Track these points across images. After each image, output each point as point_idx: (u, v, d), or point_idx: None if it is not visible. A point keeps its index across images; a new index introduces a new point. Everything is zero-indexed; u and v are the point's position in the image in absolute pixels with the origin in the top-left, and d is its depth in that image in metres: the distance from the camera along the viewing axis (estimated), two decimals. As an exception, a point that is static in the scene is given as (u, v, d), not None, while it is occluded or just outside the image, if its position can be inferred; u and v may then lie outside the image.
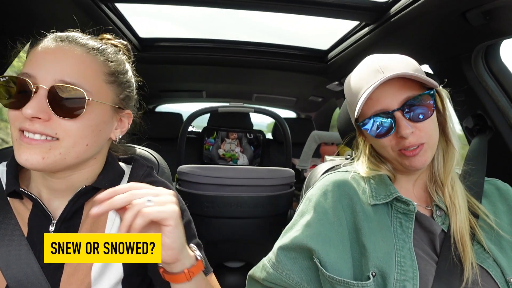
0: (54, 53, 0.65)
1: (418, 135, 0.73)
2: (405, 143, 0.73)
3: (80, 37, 0.70)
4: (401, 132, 0.72)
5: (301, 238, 0.77)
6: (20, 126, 0.62)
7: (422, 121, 0.73)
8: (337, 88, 2.44)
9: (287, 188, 1.79)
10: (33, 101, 0.61)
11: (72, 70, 0.64)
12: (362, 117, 0.78)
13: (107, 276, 0.69)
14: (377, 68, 0.76)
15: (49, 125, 0.62)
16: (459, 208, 0.75)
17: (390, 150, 0.77)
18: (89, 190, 0.72)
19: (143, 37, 2.03)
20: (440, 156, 0.81)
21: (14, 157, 0.72)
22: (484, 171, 0.88)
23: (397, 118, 0.73)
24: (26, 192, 0.68)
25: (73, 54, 0.66)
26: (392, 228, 0.76)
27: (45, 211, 0.69)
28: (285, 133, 2.14)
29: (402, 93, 0.74)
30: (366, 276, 0.71)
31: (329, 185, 0.83)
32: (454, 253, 0.71)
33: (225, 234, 1.73)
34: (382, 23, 1.39)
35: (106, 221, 0.73)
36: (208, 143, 3.07)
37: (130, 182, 0.62)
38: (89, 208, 0.73)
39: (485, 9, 0.97)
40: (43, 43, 0.67)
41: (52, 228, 0.68)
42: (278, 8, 1.44)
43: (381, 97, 0.74)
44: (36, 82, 0.62)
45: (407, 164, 0.76)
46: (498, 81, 1.16)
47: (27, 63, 0.65)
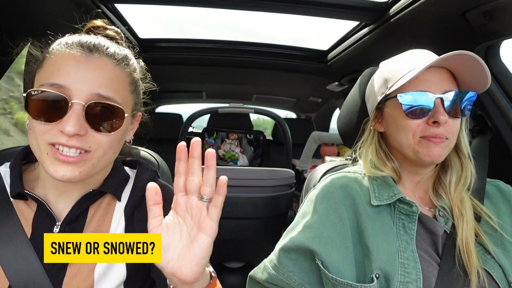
0: (87, 65, 0.63)
1: (447, 129, 0.74)
2: (435, 131, 0.73)
3: (107, 45, 0.68)
4: (438, 117, 0.72)
5: (303, 239, 0.77)
6: (54, 141, 0.61)
7: (455, 117, 0.74)
8: (337, 88, 2.44)
9: (287, 188, 1.79)
10: (73, 118, 0.60)
11: (106, 84, 0.64)
12: (398, 92, 0.76)
13: (110, 277, 0.68)
14: (430, 54, 0.77)
15: (84, 139, 0.62)
16: (467, 218, 0.75)
17: (411, 135, 0.75)
18: (95, 194, 0.72)
19: (143, 38, 2.03)
20: (457, 167, 0.80)
21: (18, 158, 0.72)
22: (485, 172, 0.88)
23: (436, 104, 0.73)
24: (31, 194, 0.68)
25: (106, 67, 0.65)
26: (395, 230, 0.75)
27: (50, 212, 0.68)
28: (285, 134, 2.14)
29: (447, 84, 0.74)
30: (369, 278, 0.70)
31: (331, 186, 0.82)
32: (458, 262, 0.71)
33: (225, 235, 1.73)
34: (382, 23, 1.40)
35: (111, 224, 0.73)
36: (208, 144, 3.07)
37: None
38: (94, 210, 0.73)
39: (485, 9, 0.97)
40: (68, 50, 0.64)
41: (56, 229, 0.68)
42: (278, 8, 1.45)
43: (427, 79, 0.74)
44: (71, 95, 0.61)
45: (424, 153, 0.74)
46: (498, 81, 1.15)
47: (53, 72, 0.63)
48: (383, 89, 0.81)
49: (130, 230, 0.73)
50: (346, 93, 1.28)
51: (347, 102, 1.06)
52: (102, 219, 0.72)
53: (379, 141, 0.85)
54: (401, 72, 0.77)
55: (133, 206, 0.75)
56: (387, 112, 0.80)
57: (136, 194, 0.76)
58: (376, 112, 0.85)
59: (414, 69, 0.74)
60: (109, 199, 0.75)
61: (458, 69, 0.75)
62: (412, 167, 0.81)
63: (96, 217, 0.72)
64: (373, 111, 0.85)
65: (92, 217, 0.72)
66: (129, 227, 0.73)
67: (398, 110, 0.77)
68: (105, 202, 0.75)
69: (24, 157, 0.75)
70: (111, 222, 0.73)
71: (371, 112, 0.86)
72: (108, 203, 0.75)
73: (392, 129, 0.80)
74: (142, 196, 0.75)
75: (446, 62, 0.72)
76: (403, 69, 0.77)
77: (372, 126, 0.86)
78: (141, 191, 0.75)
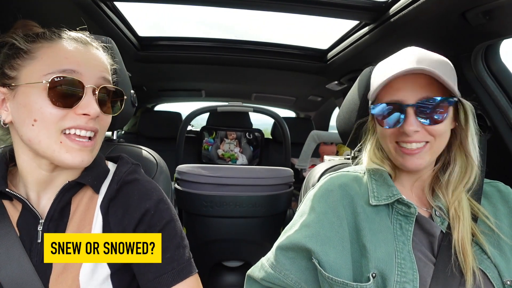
0: (89, 53, 0.69)
1: (423, 134, 0.73)
2: (407, 139, 0.73)
3: (91, 38, 0.74)
4: (406, 127, 0.72)
5: (300, 238, 0.77)
6: (71, 125, 0.64)
7: (430, 125, 0.73)
8: (336, 87, 2.44)
9: (286, 187, 1.79)
10: (93, 100, 0.66)
11: (106, 69, 0.72)
12: (378, 101, 0.78)
13: (97, 273, 0.68)
14: (412, 58, 0.75)
15: (98, 121, 0.68)
16: (463, 219, 0.74)
17: (388, 141, 0.77)
18: (72, 186, 0.71)
19: (142, 36, 2.03)
20: (457, 167, 0.80)
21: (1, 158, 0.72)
22: (483, 172, 0.88)
23: (407, 113, 0.73)
24: (13, 193, 0.68)
25: (102, 55, 0.73)
26: (392, 230, 0.75)
27: (32, 211, 0.68)
28: (284, 133, 2.13)
29: (423, 91, 0.73)
30: (366, 277, 0.70)
31: (330, 185, 0.83)
32: (454, 262, 0.71)
33: (223, 234, 1.73)
34: (382, 23, 1.39)
35: (92, 218, 0.72)
36: (207, 143, 3.07)
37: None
38: (76, 206, 0.72)
39: (485, 9, 0.97)
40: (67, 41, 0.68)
41: (40, 227, 0.68)
42: (277, 7, 1.44)
43: (401, 88, 0.73)
44: (83, 80, 0.66)
45: (400, 161, 0.76)
46: (498, 81, 1.16)
47: (61, 59, 0.65)
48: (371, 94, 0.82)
49: (106, 223, 0.72)
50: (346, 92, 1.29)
51: (347, 101, 1.06)
52: (84, 214, 0.72)
53: (377, 141, 0.86)
54: (378, 80, 0.77)
55: (109, 199, 0.73)
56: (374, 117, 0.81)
57: (113, 187, 0.74)
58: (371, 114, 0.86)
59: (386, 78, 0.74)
60: (91, 194, 0.74)
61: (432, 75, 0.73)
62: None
63: (78, 213, 0.72)
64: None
65: (74, 213, 0.71)
66: (105, 220, 0.72)
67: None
68: (87, 197, 0.74)
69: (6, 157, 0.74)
70: (93, 216, 0.72)
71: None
72: (89, 197, 0.74)
73: (378, 132, 0.83)
74: (118, 189, 0.74)
75: (411, 72, 0.71)
76: (380, 76, 0.77)
77: (371, 126, 0.88)
78: (117, 184, 0.74)
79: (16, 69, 0.66)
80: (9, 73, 0.66)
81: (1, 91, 0.67)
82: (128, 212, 0.71)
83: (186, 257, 0.72)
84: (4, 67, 0.67)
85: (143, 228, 0.70)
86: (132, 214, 0.71)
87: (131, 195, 0.73)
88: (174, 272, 0.68)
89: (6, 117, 0.67)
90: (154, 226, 0.71)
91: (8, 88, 0.66)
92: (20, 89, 0.65)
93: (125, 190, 0.74)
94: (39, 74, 0.64)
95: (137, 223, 0.70)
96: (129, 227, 0.70)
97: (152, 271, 0.68)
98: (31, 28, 0.71)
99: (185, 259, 0.72)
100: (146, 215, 0.71)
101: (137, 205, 0.72)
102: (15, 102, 0.65)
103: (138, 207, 0.71)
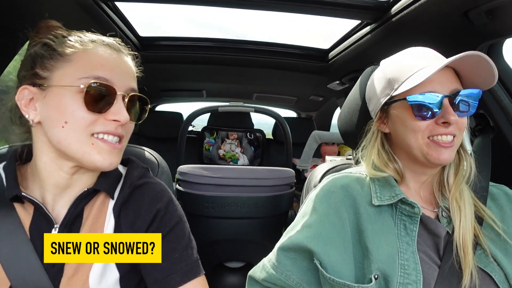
0: (121, 61, 0.71)
1: (455, 127, 0.74)
2: (444, 131, 0.73)
3: (123, 45, 0.76)
4: (448, 117, 0.71)
5: (301, 239, 0.76)
6: (101, 130, 0.66)
7: (463, 116, 0.74)
8: (338, 87, 2.44)
9: (287, 188, 1.78)
10: (123, 108, 0.68)
11: (134, 78, 0.74)
12: (406, 94, 0.75)
13: (106, 276, 0.68)
14: (435, 53, 0.77)
15: (124, 127, 0.70)
16: (464, 213, 0.74)
17: (420, 137, 0.75)
18: (90, 193, 0.72)
19: (143, 36, 2.03)
20: (454, 161, 0.80)
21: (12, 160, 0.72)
22: (489, 172, 0.87)
23: (445, 104, 0.72)
24: (29, 197, 0.67)
25: (130, 64, 0.75)
26: (396, 231, 0.74)
27: (47, 215, 0.68)
28: (285, 133, 2.13)
29: (453, 83, 0.74)
30: (368, 279, 0.70)
31: (332, 186, 0.82)
32: (455, 259, 0.70)
33: (225, 234, 1.73)
34: (384, 22, 1.39)
35: (104, 222, 0.72)
36: (209, 144, 3.07)
37: None
38: (89, 210, 0.72)
39: (488, 8, 0.97)
40: (101, 48, 0.70)
41: (55, 232, 0.68)
42: (279, 7, 1.44)
43: (434, 79, 0.73)
44: (115, 87, 0.67)
45: (434, 156, 0.73)
46: (501, 80, 1.15)
47: (96, 66, 0.67)
48: (388, 90, 0.79)
49: (118, 227, 0.72)
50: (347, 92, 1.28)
51: (348, 101, 1.05)
52: (96, 219, 0.72)
53: (382, 142, 0.84)
54: (407, 73, 0.76)
55: (121, 203, 0.74)
56: (393, 113, 0.79)
57: (125, 191, 0.75)
58: (381, 113, 0.83)
59: (420, 70, 0.73)
60: (103, 198, 0.74)
61: (463, 68, 0.74)
62: (419, 168, 0.80)
63: (91, 217, 0.72)
64: (377, 112, 0.84)
65: (87, 217, 0.72)
66: (117, 224, 0.72)
67: (406, 111, 0.76)
68: (99, 201, 0.74)
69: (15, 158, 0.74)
70: (104, 221, 0.72)
71: (374, 113, 0.85)
72: (102, 202, 0.74)
73: (399, 130, 0.79)
74: (130, 192, 0.75)
75: (455, 62, 0.72)
76: (408, 70, 0.76)
77: (376, 127, 0.85)
78: (129, 188, 0.75)
79: (49, 70, 0.66)
80: (41, 73, 0.66)
81: (31, 91, 0.67)
82: (140, 215, 0.72)
83: (194, 258, 0.73)
84: (36, 67, 0.67)
85: (153, 230, 0.71)
86: (144, 217, 0.72)
87: (143, 198, 0.74)
88: (182, 273, 0.69)
89: (34, 117, 0.67)
90: (164, 227, 0.72)
91: (39, 88, 0.66)
92: (52, 90, 0.65)
93: (136, 193, 0.75)
94: (73, 78, 0.65)
95: (148, 225, 0.71)
96: (141, 229, 0.71)
97: (160, 271, 0.68)
98: (57, 29, 0.71)
99: (193, 260, 0.72)
100: (157, 216, 0.72)
101: (148, 207, 0.73)
102: (45, 103, 0.66)
103: (149, 209, 0.73)
